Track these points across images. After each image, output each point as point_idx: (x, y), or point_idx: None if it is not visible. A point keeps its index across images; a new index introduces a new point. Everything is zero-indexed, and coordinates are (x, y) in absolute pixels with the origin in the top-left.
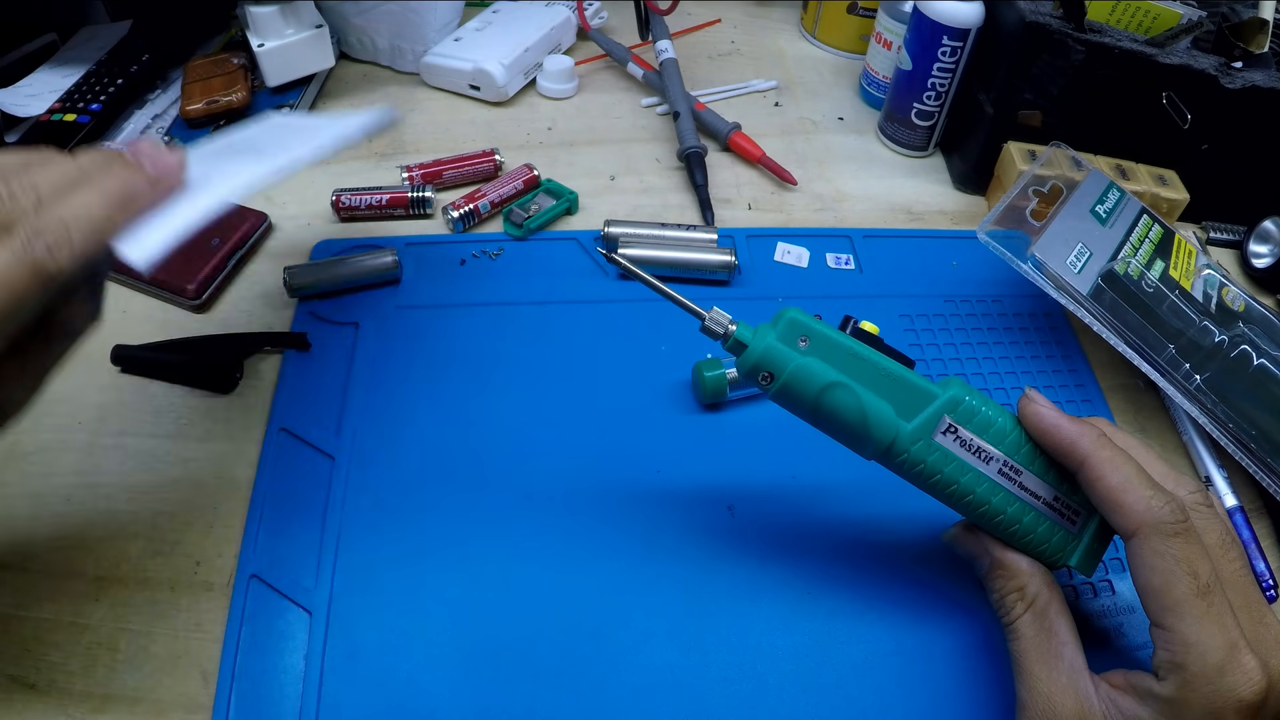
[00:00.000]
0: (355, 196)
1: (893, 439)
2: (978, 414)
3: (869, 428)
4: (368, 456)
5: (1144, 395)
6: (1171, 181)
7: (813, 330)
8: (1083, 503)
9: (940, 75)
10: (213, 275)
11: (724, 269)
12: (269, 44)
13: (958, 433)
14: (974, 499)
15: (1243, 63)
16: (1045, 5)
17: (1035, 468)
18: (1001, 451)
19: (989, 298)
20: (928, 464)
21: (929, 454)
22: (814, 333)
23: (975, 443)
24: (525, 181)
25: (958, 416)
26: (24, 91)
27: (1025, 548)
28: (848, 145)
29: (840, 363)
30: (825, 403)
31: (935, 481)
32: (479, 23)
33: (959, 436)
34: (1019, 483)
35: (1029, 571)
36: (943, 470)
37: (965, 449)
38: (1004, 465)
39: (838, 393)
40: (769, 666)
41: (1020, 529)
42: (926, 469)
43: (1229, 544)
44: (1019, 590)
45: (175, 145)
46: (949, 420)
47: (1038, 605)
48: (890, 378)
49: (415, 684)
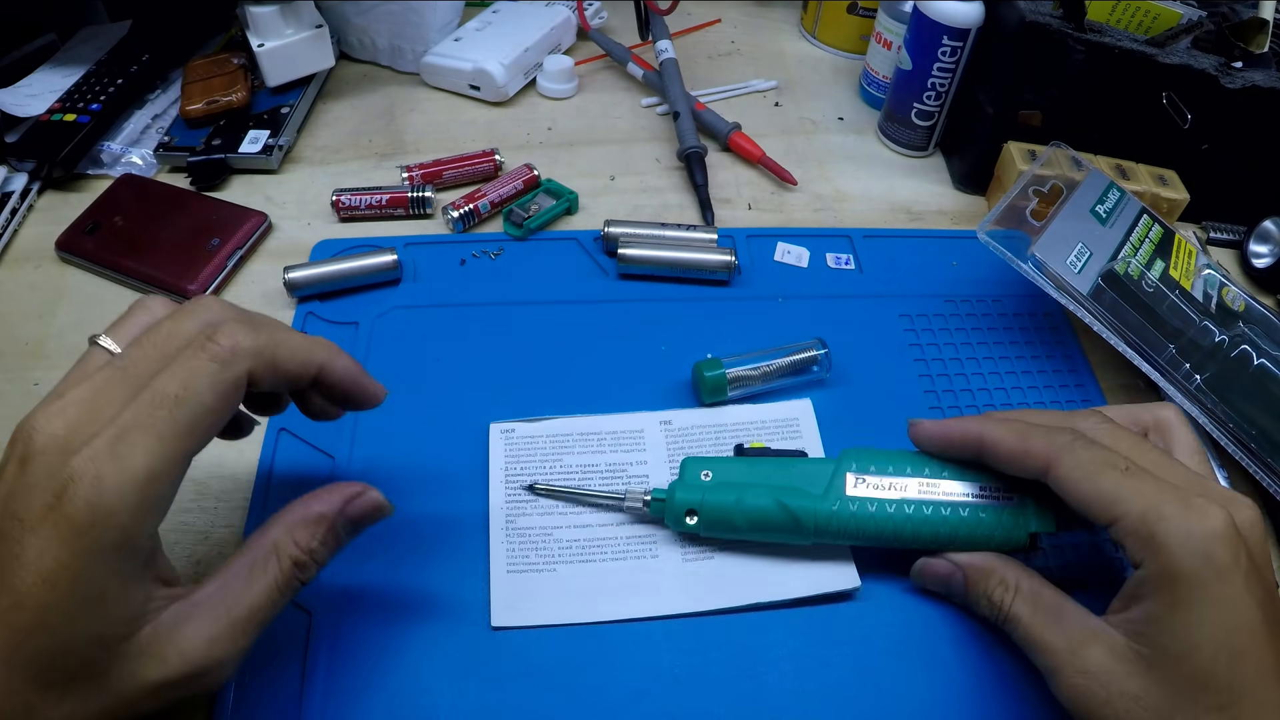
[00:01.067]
0: (355, 196)
1: (816, 510)
2: (874, 459)
3: (793, 512)
4: (368, 456)
5: (1144, 395)
6: (1171, 181)
7: (711, 464)
8: (1003, 478)
9: (940, 75)
10: (213, 275)
11: (724, 269)
12: (269, 44)
13: (866, 480)
14: (914, 525)
15: (1243, 63)
16: (1045, 5)
17: (947, 473)
18: (910, 476)
19: (989, 298)
20: (858, 517)
21: (854, 507)
22: (713, 464)
23: (885, 481)
24: (525, 181)
25: (859, 469)
26: (24, 91)
27: (984, 542)
28: (848, 145)
29: (744, 475)
30: (747, 508)
31: (873, 528)
32: (479, 23)
33: (868, 482)
34: (941, 491)
35: (1003, 564)
36: (874, 515)
37: (880, 490)
38: (920, 485)
39: (751, 495)
40: (769, 667)
41: (968, 528)
42: (859, 521)
43: (1142, 442)
44: (1001, 583)
45: None
46: (853, 475)
47: (1023, 588)
48: (790, 467)
49: (415, 684)
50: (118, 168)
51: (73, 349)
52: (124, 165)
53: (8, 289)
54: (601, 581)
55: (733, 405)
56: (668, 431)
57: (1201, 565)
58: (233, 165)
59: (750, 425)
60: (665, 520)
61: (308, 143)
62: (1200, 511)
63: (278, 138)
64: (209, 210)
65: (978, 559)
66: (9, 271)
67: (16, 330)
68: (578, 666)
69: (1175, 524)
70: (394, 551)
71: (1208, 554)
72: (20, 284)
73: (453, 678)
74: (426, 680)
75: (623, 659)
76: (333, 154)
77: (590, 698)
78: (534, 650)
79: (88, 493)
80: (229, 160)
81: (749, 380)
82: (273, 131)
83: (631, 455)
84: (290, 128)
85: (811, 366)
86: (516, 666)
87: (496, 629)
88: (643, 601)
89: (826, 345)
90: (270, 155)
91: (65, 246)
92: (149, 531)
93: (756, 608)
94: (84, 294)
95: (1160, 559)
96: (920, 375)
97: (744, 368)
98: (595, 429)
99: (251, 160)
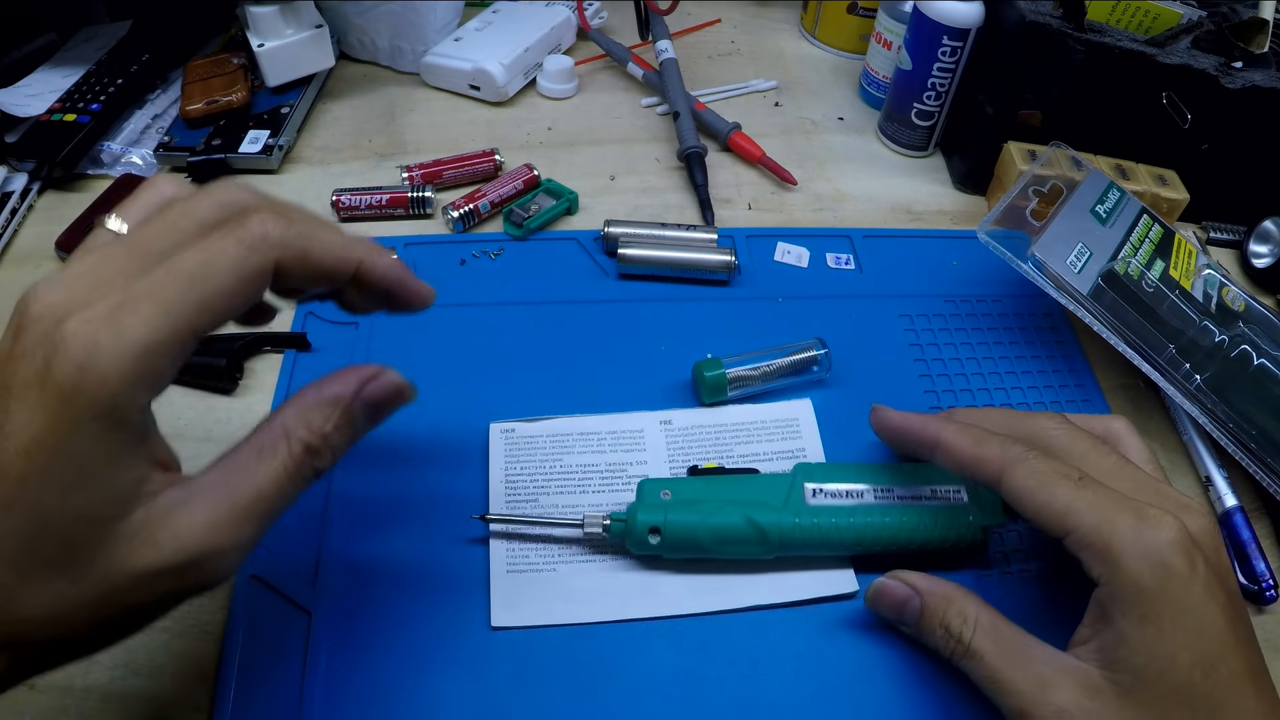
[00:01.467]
0: (355, 196)
1: (780, 522)
2: (830, 470)
3: (758, 524)
4: (369, 456)
5: (1144, 395)
6: (1171, 181)
7: (669, 484)
8: (951, 478)
9: (940, 75)
10: None
11: (724, 269)
12: (269, 44)
13: (823, 489)
14: (874, 530)
15: (1243, 63)
16: (1045, 5)
17: (899, 479)
18: (865, 483)
19: (989, 298)
20: (819, 525)
21: (814, 517)
22: (671, 484)
23: (841, 489)
24: (525, 181)
25: (814, 479)
26: (24, 91)
27: (941, 541)
28: (848, 145)
29: (703, 493)
30: (713, 523)
31: (835, 535)
32: (479, 23)
33: (825, 491)
34: (895, 495)
35: (963, 594)
36: (835, 523)
37: (837, 498)
38: (875, 491)
39: (715, 511)
40: (769, 667)
41: (924, 528)
42: (822, 530)
43: (1098, 446)
44: (960, 614)
45: None
46: (810, 485)
47: (983, 621)
48: (746, 484)
49: (415, 684)
50: (118, 168)
51: None
52: (124, 165)
53: (8, 289)
54: (601, 581)
55: (733, 405)
56: (668, 431)
57: (1162, 576)
58: (233, 165)
59: (750, 425)
60: (627, 543)
61: (308, 143)
62: (1154, 522)
63: (278, 138)
64: None
65: (937, 586)
66: (9, 271)
67: None
68: (578, 666)
69: (1129, 535)
70: (394, 551)
71: (1165, 564)
72: (20, 284)
73: (453, 678)
74: (426, 680)
75: (623, 659)
76: (333, 154)
77: (590, 698)
78: (534, 650)
79: (78, 356)
80: (229, 160)
81: (749, 380)
82: (273, 131)
83: (631, 455)
84: (290, 128)
85: (811, 366)
86: (516, 666)
87: (496, 629)
88: (643, 602)
89: (826, 345)
90: (270, 155)
91: (65, 246)
92: (141, 404)
93: (756, 609)
94: None
95: (1119, 573)
96: (920, 375)
97: (744, 368)
98: (595, 429)
99: (251, 160)
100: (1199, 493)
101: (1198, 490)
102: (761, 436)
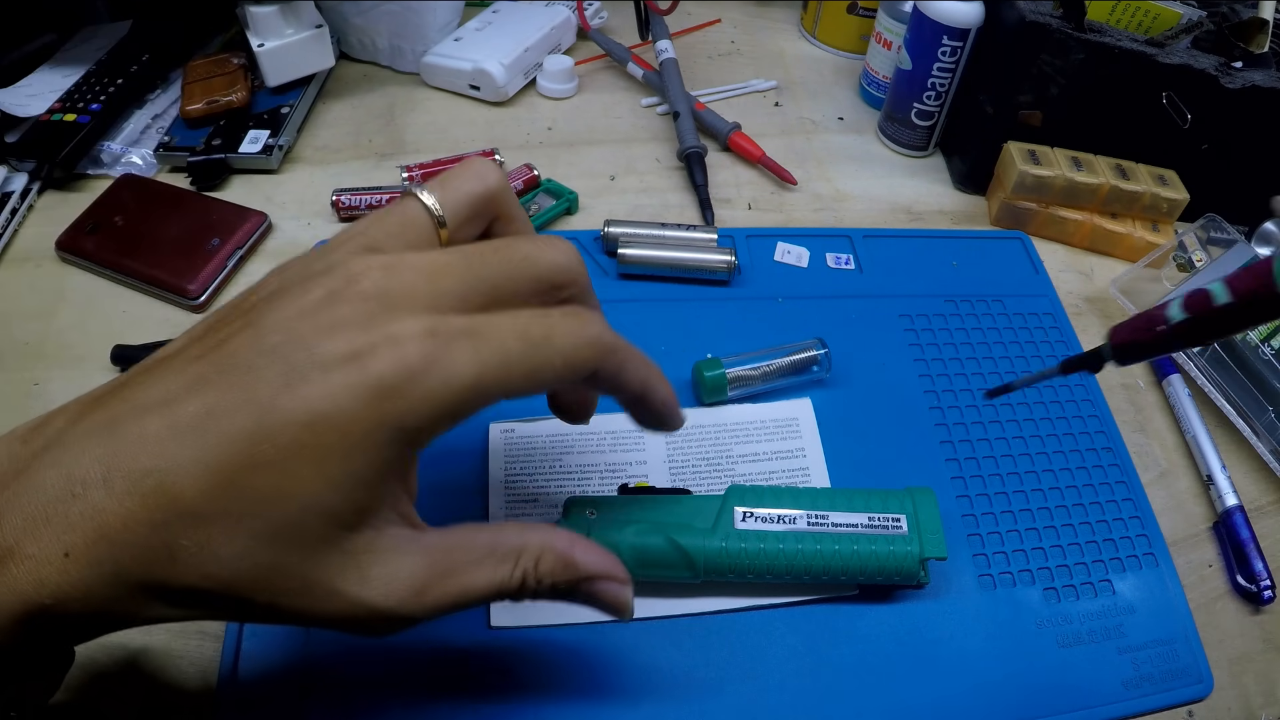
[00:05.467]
0: (355, 196)
1: (705, 546)
2: (762, 494)
3: (682, 548)
4: None
5: (1144, 395)
6: (1171, 181)
7: (596, 502)
8: (893, 505)
9: (940, 75)
10: (213, 275)
11: (724, 269)
12: (269, 44)
13: (754, 514)
14: (805, 557)
15: (1243, 63)
16: (1045, 5)
17: (838, 504)
18: (798, 509)
19: (989, 297)
20: (748, 551)
21: (743, 541)
22: (598, 503)
23: (773, 514)
24: (525, 181)
25: (745, 503)
26: (24, 91)
27: (876, 572)
28: (848, 145)
29: (630, 513)
30: (635, 544)
31: (763, 562)
32: (479, 23)
33: (756, 516)
34: (830, 523)
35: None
36: (764, 549)
37: (768, 523)
38: (809, 519)
39: (638, 532)
40: (769, 666)
41: (860, 560)
42: (750, 556)
43: None
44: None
45: None
46: (740, 509)
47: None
48: (676, 505)
49: (415, 683)
50: (118, 168)
51: (73, 349)
52: (124, 165)
53: (8, 289)
54: None
55: (733, 405)
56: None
57: None
58: (233, 165)
59: (750, 425)
60: None
61: (308, 143)
62: None
63: (278, 138)
64: (209, 210)
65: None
66: (9, 271)
67: (16, 330)
68: (578, 666)
69: None
70: None
71: None
72: (20, 284)
73: (453, 678)
74: (427, 680)
75: (623, 659)
76: (333, 154)
77: (590, 698)
78: (534, 650)
79: (415, 365)
80: (229, 160)
81: (749, 380)
82: (273, 131)
83: (631, 455)
84: (290, 128)
85: (811, 366)
86: (516, 666)
87: (496, 629)
88: (642, 602)
89: (826, 345)
90: (270, 155)
91: (65, 246)
92: (433, 439)
93: (756, 608)
94: (84, 294)
95: None
96: (920, 375)
97: (744, 368)
98: (595, 429)
99: (251, 160)
100: (1199, 491)
101: (1198, 489)
102: (761, 436)
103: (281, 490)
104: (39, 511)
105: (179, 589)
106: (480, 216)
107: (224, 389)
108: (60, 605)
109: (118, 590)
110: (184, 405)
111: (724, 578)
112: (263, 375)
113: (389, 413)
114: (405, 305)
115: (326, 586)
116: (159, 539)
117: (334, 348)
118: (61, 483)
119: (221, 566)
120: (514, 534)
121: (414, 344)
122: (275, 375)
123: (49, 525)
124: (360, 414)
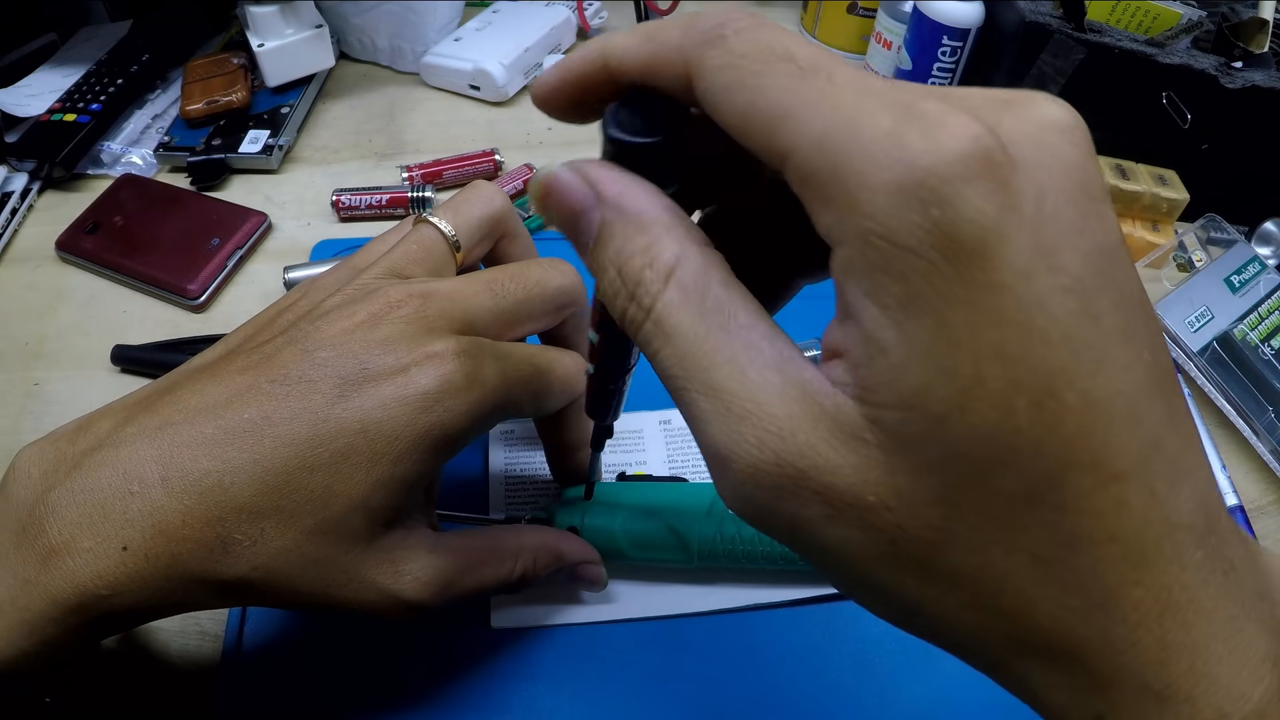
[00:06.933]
0: (355, 196)
1: (700, 530)
2: None
3: (677, 531)
4: None
5: None
6: (1171, 181)
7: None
8: None
9: (940, 75)
10: (213, 275)
11: None
12: (269, 44)
13: None
14: None
15: (1243, 63)
16: (1045, 5)
17: None
18: None
19: None
20: (741, 536)
21: (737, 528)
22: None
23: None
24: (525, 182)
25: None
26: (24, 91)
27: None
28: None
29: (626, 497)
30: (630, 527)
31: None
32: (479, 23)
33: None
34: None
35: (674, 224)
36: (758, 535)
37: None
38: None
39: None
40: (769, 666)
41: None
42: (742, 540)
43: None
44: (647, 252)
45: None
46: None
47: (686, 273)
48: (672, 491)
49: (416, 684)
50: (118, 168)
51: (73, 349)
52: (124, 165)
53: (8, 289)
54: None
55: None
56: (667, 431)
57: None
58: (233, 165)
59: None
60: None
61: (308, 143)
62: (931, 122)
63: (278, 138)
64: (209, 210)
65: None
66: (9, 271)
67: (16, 330)
68: (578, 666)
69: (877, 148)
70: None
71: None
72: (20, 284)
73: (453, 678)
74: (427, 680)
75: (622, 659)
76: (333, 154)
77: (590, 698)
78: (534, 650)
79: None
80: (229, 160)
81: None
82: (273, 131)
83: (631, 455)
84: (290, 128)
85: None
86: (516, 666)
87: (496, 629)
88: (643, 603)
89: None
90: (270, 155)
91: (65, 246)
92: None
93: (756, 608)
94: (84, 294)
95: (855, 218)
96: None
97: None
98: None
99: (251, 160)
100: None
101: None
102: None
103: (332, 490)
104: (96, 508)
105: (230, 580)
106: (489, 237)
107: (279, 399)
108: (116, 596)
109: (171, 582)
110: (237, 411)
111: (718, 563)
112: (317, 386)
113: (433, 422)
114: (442, 327)
115: (364, 579)
116: (214, 534)
117: (383, 363)
118: (118, 481)
119: (272, 558)
120: (513, 537)
121: (453, 361)
122: (329, 387)
123: (106, 520)
124: (408, 422)
